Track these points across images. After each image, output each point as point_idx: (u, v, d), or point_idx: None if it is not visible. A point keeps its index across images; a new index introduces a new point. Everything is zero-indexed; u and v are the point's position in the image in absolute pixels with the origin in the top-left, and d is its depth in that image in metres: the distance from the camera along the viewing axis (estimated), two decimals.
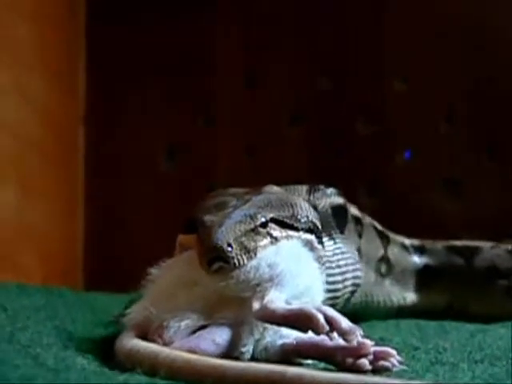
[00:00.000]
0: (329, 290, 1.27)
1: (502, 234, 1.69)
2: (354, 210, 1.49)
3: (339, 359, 0.96)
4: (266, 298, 0.97)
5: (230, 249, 0.98)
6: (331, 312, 0.95)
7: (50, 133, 2.32)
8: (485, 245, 1.61)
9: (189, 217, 1.13)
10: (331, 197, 1.39)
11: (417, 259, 1.60)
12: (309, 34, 2.39)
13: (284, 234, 1.06)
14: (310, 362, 1.00)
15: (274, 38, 2.42)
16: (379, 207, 2.16)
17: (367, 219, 1.54)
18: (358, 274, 1.39)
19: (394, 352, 0.99)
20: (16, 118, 2.17)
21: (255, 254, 1.01)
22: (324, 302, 1.23)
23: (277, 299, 0.97)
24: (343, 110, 2.36)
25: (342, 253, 1.35)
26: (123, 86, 2.51)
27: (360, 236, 1.46)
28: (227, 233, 0.99)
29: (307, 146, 2.38)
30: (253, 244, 1.01)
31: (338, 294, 1.33)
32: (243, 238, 1.01)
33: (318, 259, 1.11)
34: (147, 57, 2.50)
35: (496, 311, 1.55)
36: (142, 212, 2.47)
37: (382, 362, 0.97)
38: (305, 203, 1.15)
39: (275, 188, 1.21)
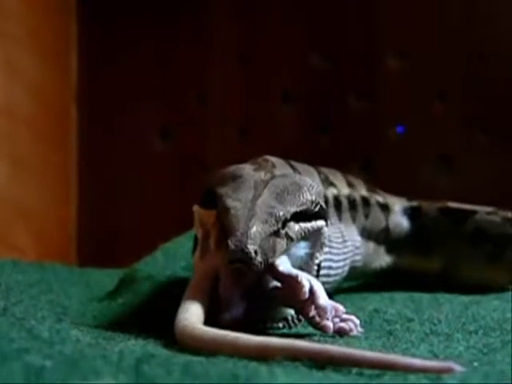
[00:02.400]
0: (329, 275, 1.33)
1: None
2: (363, 192, 1.52)
3: (310, 314, 1.05)
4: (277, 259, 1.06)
5: (254, 256, 1.01)
6: (317, 287, 1.05)
7: (41, 110, 2.32)
8: (482, 209, 1.62)
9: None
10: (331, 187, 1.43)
11: (411, 222, 1.62)
12: (301, 11, 2.38)
13: (298, 229, 1.09)
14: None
15: (267, 16, 2.42)
16: (372, 183, 2.16)
17: (373, 198, 1.56)
18: (358, 258, 1.44)
19: (357, 321, 1.07)
20: (7, 95, 2.17)
21: (273, 260, 1.04)
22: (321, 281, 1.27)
23: (285, 261, 1.08)
24: (336, 86, 2.36)
25: (344, 241, 1.38)
26: (116, 64, 2.50)
27: (367, 217, 1.50)
28: (254, 236, 1.01)
29: (300, 123, 2.38)
30: (272, 250, 1.04)
31: (337, 278, 1.38)
32: (265, 243, 1.03)
33: (324, 241, 1.16)
34: (140, 35, 2.49)
35: (484, 276, 1.56)
36: (136, 190, 2.47)
37: (341, 324, 1.06)
38: (314, 185, 1.17)
39: (283, 168, 1.24)
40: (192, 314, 1.00)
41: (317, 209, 1.13)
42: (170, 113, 2.48)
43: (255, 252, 1.00)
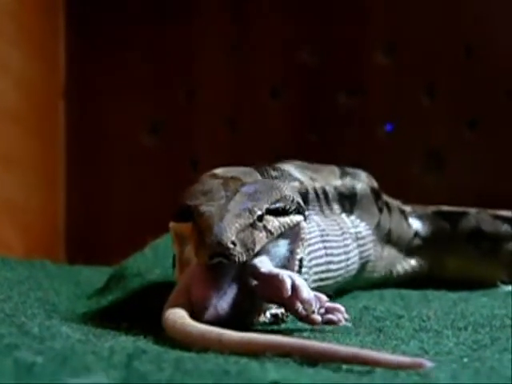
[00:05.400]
0: (329, 270, 1.33)
1: (482, 205, 1.71)
2: (374, 183, 1.53)
3: (296, 309, 1.06)
4: (258, 258, 1.08)
5: (232, 247, 1.02)
6: (299, 282, 1.06)
7: (30, 105, 2.31)
8: (471, 210, 1.64)
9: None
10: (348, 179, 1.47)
11: (411, 225, 1.63)
12: (291, 7, 2.38)
13: (277, 224, 1.11)
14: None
15: (256, 12, 2.42)
16: None
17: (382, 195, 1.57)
18: (368, 253, 1.44)
19: (342, 309, 1.08)
20: None
21: (253, 251, 1.05)
22: (324, 275, 1.31)
23: (266, 261, 1.09)
24: (325, 82, 2.36)
25: (343, 233, 1.39)
26: (103, 59, 2.50)
27: (381, 211, 1.50)
28: (229, 229, 1.03)
29: (289, 119, 2.38)
30: (251, 241, 1.05)
31: (341, 272, 1.37)
32: (243, 235, 1.04)
33: (303, 237, 1.17)
34: (128, 31, 2.48)
35: (474, 273, 1.58)
36: (124, 185, 2.47)
37: (330, 316, 1.07)
38: (286, 185, 1.19)
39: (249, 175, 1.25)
40: (180, 312, 1.01)
41: (294, 205, 1.14)
42: (158, 107, 2.47)
43: (232, 243, 1.02)
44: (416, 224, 1.64)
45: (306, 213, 1.21)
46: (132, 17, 2.48)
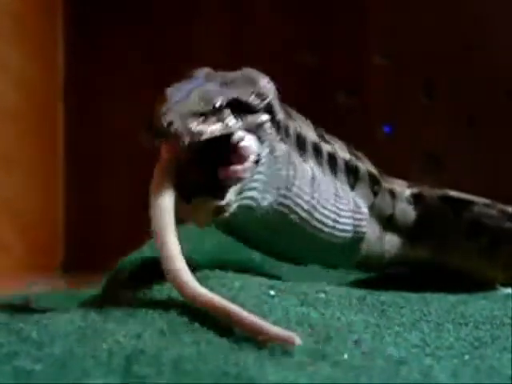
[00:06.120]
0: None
1: None
2: (371, 169, 1.51)
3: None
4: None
5: (175, 127, 0.96)
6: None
7: (29, 105, 2.31)
8: (480, 201, 1.61)
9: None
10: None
11: (413, 210, 1.60)
12: (292, 6, 2.39)
13: (239, 121, 1.03)
14: None
15: (254, 13, 2.42)
16: None
17: (382, 179, 1.54)
18: (362, 224, 1.41)
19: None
20: None
21: (199, 137, 0.97)
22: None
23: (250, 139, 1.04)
24: (324, 82, 2.36)
25: (338, 196, 1.35)
26: (104, 60, 2.50)
27: (375, 194, 1.48)
28: (173, 110, 0.97)
29: None
30: (200, 128, 0.97)
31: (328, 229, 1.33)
32: (190, 118, 0.97)
33: (264, 139, 1.09)
34: (127, 31, 2.49)
35: (473, 268, 1.56)
36: (124, 186, 2.47)
37: None
38: (270, 83, 1.13)
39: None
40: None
41: (264, 104, 1.08)
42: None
43: (171, 123, 0.96)
44: (418, 210, 1.60)
45: (278, 116, 1.13)
46: (132, 17, 2.49)
